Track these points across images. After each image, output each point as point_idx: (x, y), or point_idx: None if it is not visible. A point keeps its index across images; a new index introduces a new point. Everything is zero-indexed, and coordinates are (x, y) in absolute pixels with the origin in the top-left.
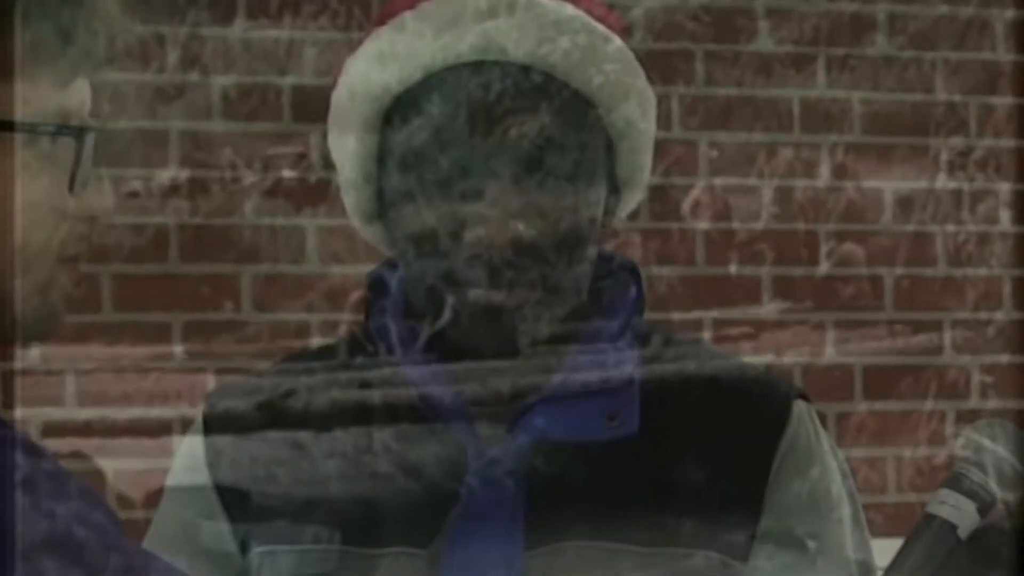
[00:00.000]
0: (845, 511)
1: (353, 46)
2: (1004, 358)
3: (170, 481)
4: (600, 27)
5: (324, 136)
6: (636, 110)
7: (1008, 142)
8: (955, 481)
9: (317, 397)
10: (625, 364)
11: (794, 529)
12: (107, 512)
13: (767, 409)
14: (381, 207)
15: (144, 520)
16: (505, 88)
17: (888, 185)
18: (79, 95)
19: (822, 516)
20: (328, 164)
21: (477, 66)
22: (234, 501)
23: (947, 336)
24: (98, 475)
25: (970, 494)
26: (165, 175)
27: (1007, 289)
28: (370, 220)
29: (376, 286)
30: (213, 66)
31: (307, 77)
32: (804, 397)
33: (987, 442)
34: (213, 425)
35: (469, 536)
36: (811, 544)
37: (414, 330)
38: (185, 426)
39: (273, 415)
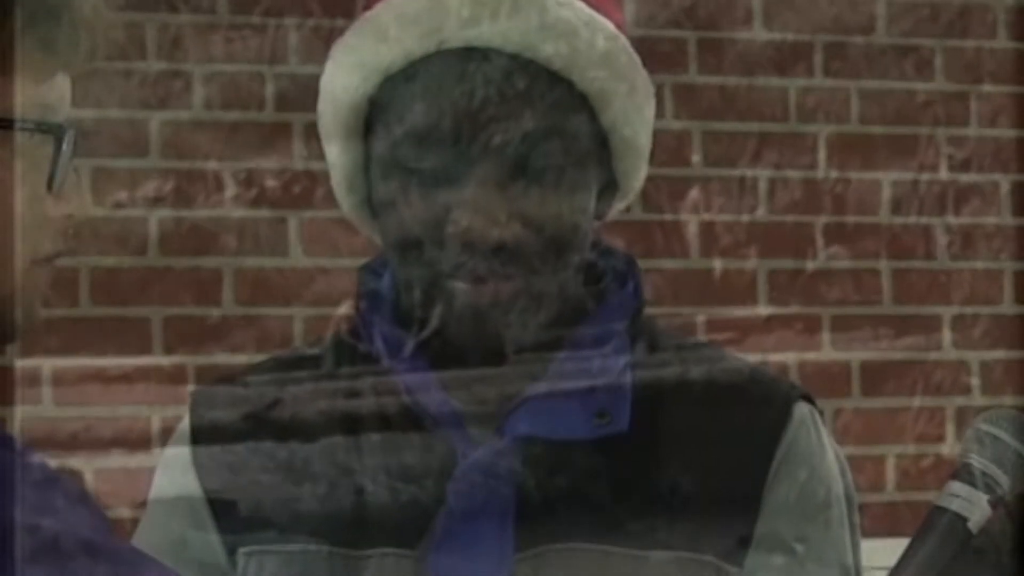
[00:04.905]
0: (843, 521)
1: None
2: (1004, 354)
3: (156, 493)
4: (597, 16)
5: (308, 126)
6: (632, 106)
7: (1008, 132)
8: (965, 473)
9: (307, 404)
10: (617, 360)
11: (789, 536)
12: (96, 516)
13: (767, 410)
14: (372, 212)
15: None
16: (490, 80)
17: (885, 176)
18: (59, 91)
19: (818, 524)
20: (312, 155)
21: (463, 54)
22: (225, 511)
23: (946, 331)
24: (76, 474)
25: (980, 486)
26: (145, 169)
27: (1007, 283)
28: (365, 223)
29: (367, 281)
30: (195, 57)
31: (293, 66)
32: (807, 399)
33: (996, 432)
34: (201, 435)
35: (457, 537)
36: (799, 547)
37: (403, 336)
38: (165, 424)
39: (263, 424)
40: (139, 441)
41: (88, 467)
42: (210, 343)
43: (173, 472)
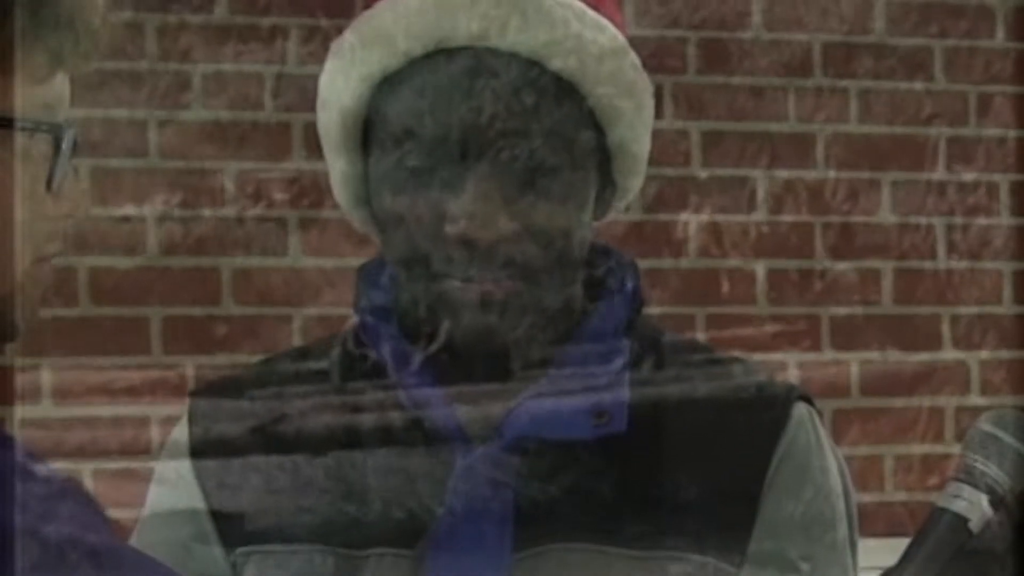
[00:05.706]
0: (841, 530)
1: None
2: (1005, 354)
3: (153, 505)
4: (608, 27)
5: (309, 128)
6: (639, 119)
7: (1009, 132)
8: (966, 473)
9: (316, 419)
10: (615, 361)
11: (794, 554)
12: (99, 519)
13: (766, 411)
14: (372, 213)
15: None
16: (495, 87)
17: (885, 177)
18: (58, 91)
19: (824, 544)
20: (313, 157)
21: (467, 55)
22: (228, 523)
23: (946, 332)
24: (75, 476)
25: (981, 486)
26: (145, 171)
27: (1007, 283)
28: (365, 224)
29: (366, 286)
30: (196, 59)
31: (293, 67)
32: (807, 400)
33: (998, 432)
34: (204, 447)
35: (455, 537)
36: (804, 566)
37: (410, 350)
38: (164, 425)
39: (270, 437)
40: (138, 443)
41: (87, 468)
42: (210, 345)
43: (172, 485)
